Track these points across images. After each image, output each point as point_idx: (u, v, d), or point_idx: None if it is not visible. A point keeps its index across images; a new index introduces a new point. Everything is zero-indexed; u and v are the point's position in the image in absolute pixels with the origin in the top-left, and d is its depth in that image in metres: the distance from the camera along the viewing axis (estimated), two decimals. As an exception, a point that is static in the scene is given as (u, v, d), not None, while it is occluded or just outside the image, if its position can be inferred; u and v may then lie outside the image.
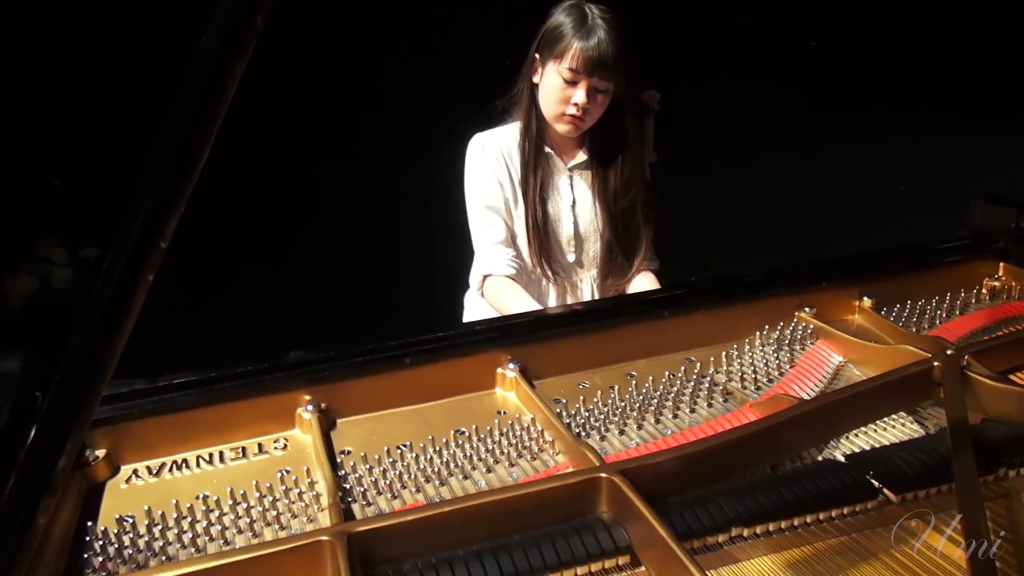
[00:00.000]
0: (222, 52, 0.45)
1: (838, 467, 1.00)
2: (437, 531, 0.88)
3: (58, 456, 0.76)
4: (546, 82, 1.70)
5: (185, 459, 1.10)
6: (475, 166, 1.79)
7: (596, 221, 1.82)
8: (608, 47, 1.62)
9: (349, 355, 1.19)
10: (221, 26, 0.46)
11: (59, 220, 3.84)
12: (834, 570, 0.89)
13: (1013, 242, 1.54)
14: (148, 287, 0.66)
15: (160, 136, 0.49)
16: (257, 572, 0.84)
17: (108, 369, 0.71)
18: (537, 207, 1.74)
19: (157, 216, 0.58)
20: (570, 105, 1.66)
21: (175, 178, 0.53)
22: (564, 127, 1.70)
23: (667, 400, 1.19)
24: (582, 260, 1.84)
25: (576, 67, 1.62)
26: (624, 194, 1.79)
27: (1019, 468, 1.03)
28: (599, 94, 1.67)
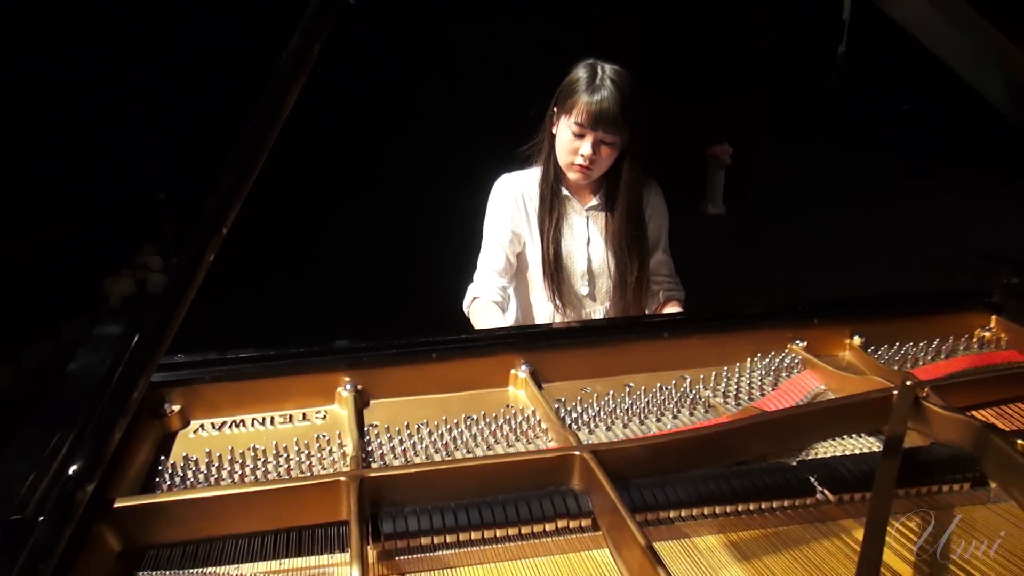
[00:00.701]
0: (284, 82, 0.66)
1: (785, 468, 1.16)
2: (435, 484, 1.08)
3: (134, 388, 0.97)
4: (560, 134, 1.87)
5: (243, 419, 1.33)
6: (495, 203, 1.98)
7: (609, 260, 1.99)
8: (611, 104, 1.76)
9: (385, 347, 1.41)
10: (288, 59, 0.67)
11: (159, 230, 4.25)
12: (769, 552, 1.04)
13: (1006, 297, 1.65)
14: (209, 265, 0.86)
15: (234, 150, 0.70)
16: (289, 500, 1.05)
17: (174, 325, 0.91)
18: (551, 245, 1.92)
19: (221, 209, 0.79)
20: (578, 155, 1.82)
21: (238, 181, 0.74)
22: (574, 175, 1.87)
23: (654, 407, 1.36)
24: (594, 295, 2.00)
25: (582, 121, 1.78)
26: (632, 237, 1.94)
27: (954, 484, 1.15)
28: (604, 146, 1.82)
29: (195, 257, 0.87)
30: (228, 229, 0.77)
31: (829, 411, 1.28)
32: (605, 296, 2.01)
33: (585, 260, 1.97)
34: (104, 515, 0.99)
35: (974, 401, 1.35)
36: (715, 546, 1.06)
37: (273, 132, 0.66)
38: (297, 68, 0.63)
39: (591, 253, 1.98)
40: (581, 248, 1.97)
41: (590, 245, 1.98)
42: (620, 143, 1.85)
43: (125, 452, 1.15)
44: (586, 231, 1.98)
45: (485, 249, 2.00)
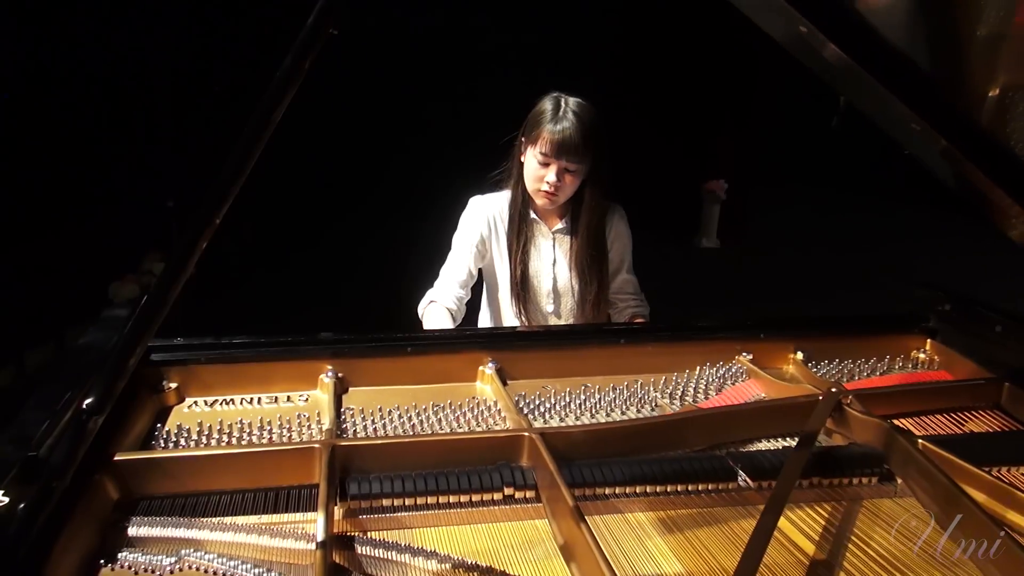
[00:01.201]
0: (275, 95, 0.81)
1: (712, 456, 1.30)
2: (398, 455, 1.22)
3: (130, 356, 1.10)
4: (527, 163, 2.01)
5: (232, 398, 1.48)
6: (467, 220, 2.13)
7: (573, 281, 2.12)
8: (573, 134, 1.90)
9: (365, 339, 1.56)
10: (280, 77, 0.82)
11: (164, 237, 4.41)
12: (692, 527, 1.18)
13: (940, 323, 1.80)
14: (201, 251, 0.99)
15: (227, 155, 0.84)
16: (268, 463, 1.19)
17: (167, 305, 1.03)
18: (518, 266, 2.07)
19: (213, 202, 0.92)
20: (543, 183, 1.97)
21: (230, 181, 0.87)
22: (541, 200, 2.02)
23: (605, 404, 1.50)
24: (559, 312, 2.15)
25: (547, 151, 1.92)
26: (592, 258, 2.08)
27: (863, 477, 1.29)
28: (568, 174, 1.96)
29: (187, 246, 1.00)
30: (220, 219, 0.91)
31: (760, 411, 1.42)
32: (569, 314, 2.15)
33: (551, 280, 2.12)
34: (105, 467, 1.13)
35: (894, 411, 1.49)
36: (644, 521, 1.19)
37: (264, 138, 0.81)
38: (288, 85, 0.78)
39: (556, 273, 2.12)
40: (547, 268, 2.11)
41: (556, 266, 2.12)
42: (583, 171, 1.99)
43: (126, 421, 1.29)
44: (552, 252, 2.12)
45: (450, 260, 2.13)
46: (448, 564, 1.05)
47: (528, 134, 2.00)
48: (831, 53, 1.04)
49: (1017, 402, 1.54)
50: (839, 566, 1.10)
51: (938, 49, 1.19)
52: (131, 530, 1.09)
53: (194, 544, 1.07)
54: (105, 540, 1.07)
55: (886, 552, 1.12)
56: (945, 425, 1.51)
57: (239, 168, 0.84)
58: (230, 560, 1.03)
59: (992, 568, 1.05)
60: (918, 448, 1.27)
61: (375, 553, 1.07)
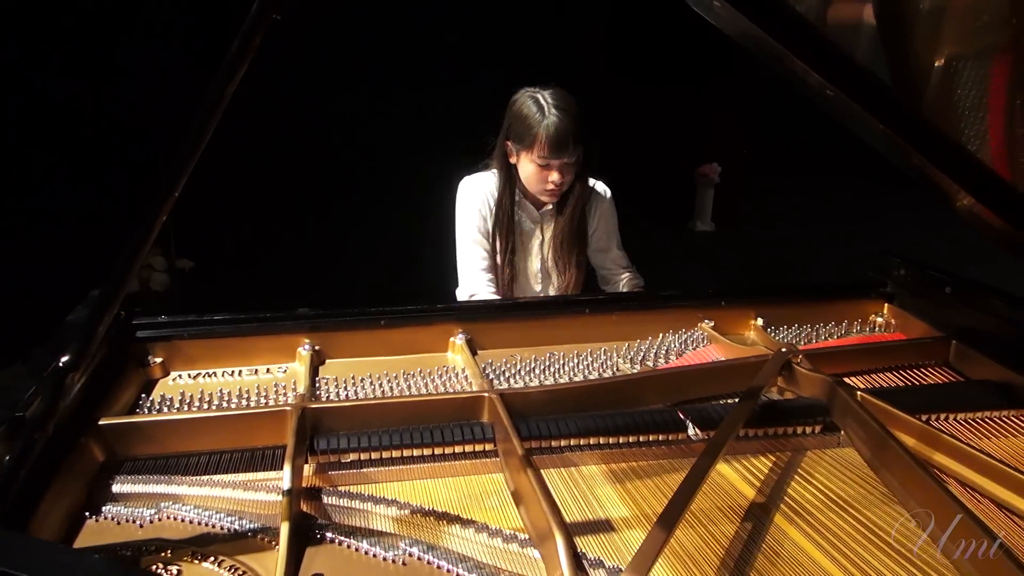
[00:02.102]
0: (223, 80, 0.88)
1: (664, 410, 1.37)
2: (365, 416, 1.30)
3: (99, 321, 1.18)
4: (523, 168, 2.06)
5: (215, 372, 1.56)
6: (464, 203, 2.17)
7: (561, 259, 2.19)
8: (565, 130, 1.96)
9: (340, 314, 1.64)
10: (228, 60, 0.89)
11: (162, 231, 4.50)
12: (641, 478, 1.26)
13: (897, 287, 1.87)
14: (163, 220, 1.05)
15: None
16: (244, 425, 1.27)
17: (132, 275, 1.10)
18: (506, 248, 2.14)
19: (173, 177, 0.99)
20: (548, 183, 2.03)
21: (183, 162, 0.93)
22: (547, 198, 2.09)
23: (568, 369, 1.58)
24: (548, 291, 2.23)
25: (545, 155, 1.98)
26: (572, 245, 2.16)
27: (807, 427, 1.36)
28: (567, 168, 2.03)
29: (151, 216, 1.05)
30: (177, 193, 0.96)
31: (712, 370, 1.50)
32: (557, 292, 2.22)
33: (539, 260, 2.19)
34: (90, 431, 1.21)
35: (845, 369, 1.56)
36: (596, 472, 1.27)
37: (215, 118, 0.88)
38: (235, 69, 0.86)
39: (545, 253, 2.20)
40: (536, 249, 2.19)
41: (544, 246, 2.20)
42: (579, 158, 2.05)
43: (112, 392, 1.38)
44: (540, 233, 2.20)
45: (465, 249, 2.17)
46: (407, 511, 1.13)
47: (519, 141, 2.04)
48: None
49: (963, 359, 1.61)
50: (777, 509, 1.17)
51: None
52: (115, 487, 1.17)
53: (173, 498, 1.15)
54: (91, 496, 1.15)
55: (824, 495, 1.19)
56: (895, 382, 1.58)
57: (191, 150, 0.91)
58: (205, 511, 1.11)
59: (913, 503, 1.13)
60: (856, 399, 1.34)
61: (340, 503, 1.15)
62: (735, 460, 1.30)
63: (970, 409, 1.40)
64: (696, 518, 1.13)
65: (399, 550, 1.02)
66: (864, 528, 1.10)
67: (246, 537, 1.06)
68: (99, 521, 1.10)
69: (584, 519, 1.14)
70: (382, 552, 1.02)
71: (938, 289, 1.74)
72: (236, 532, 1.07)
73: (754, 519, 1.14)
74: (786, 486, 1.23)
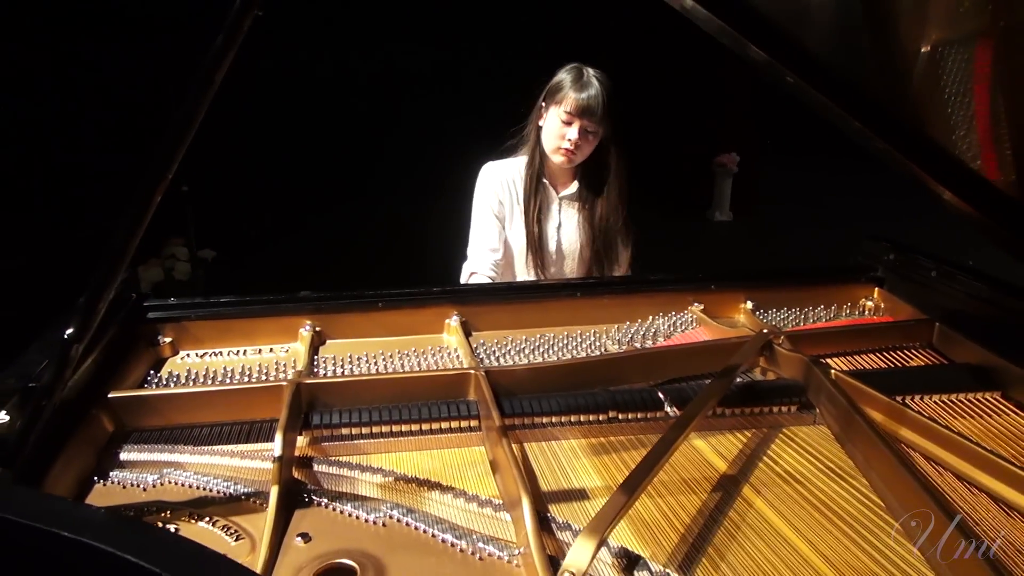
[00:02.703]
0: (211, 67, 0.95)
1: (643, 389, 1.43)
2: (358, 392, 1.37)
3: (100, 295, 1.26)
4: (548, 123, 2.16)
5: (221, 351, 1.64)
6: (483, 185, 2.26)
7: (577, 242, 2.26)
8: (596, 98, 2.06)
9: (340, 297, 1.71)
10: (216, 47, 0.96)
11: (184, 222, 4.63)
12: (619, 451, 1.31)
13: (887, 272, 1.90)
14: (158, 202, 1.12)
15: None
16: (242, 398, 1.35)
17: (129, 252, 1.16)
18: (534, 224, 2.21)
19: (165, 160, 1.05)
20: (565, 140, 2.11)
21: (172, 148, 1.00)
22: (560, 158, 2.15)
23: (557, 350, 1.64)
24: (561, 272, 2.28)
25: (571, 110, 2.07)
26: (605, 220, 2.22)
27: (783, 406, 1.41)
28: (588, 134, 2.11)
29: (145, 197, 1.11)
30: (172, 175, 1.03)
31: (695, 349, 1.55)
32: (571, 275, 2.28)
33: (555, 242, 2.26)
34: (101, 404, 1.30)
35: (827, 350, 1.61)
36: (576, 447, 1.33)
37: (201, 109, 0.95)
38: (220, 61, 0.93)
39: (561, 236, 2.26)
40: (552, 231, 2.25)
41: (560, 229, 2.26)
42: (599, 135, 2.13)
43: (123, 369, 1.46)
44: (557, 216, 2.26)
45: (477, 229, 2.26)
46: (392, 478, 1.20)
47: (551, 98, 2.15)
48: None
49: (946, 341, 1.64)
50: (745, 481, 1.22)
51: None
52: (122, 455, 1.26)
53: (175, 465, 1.23)
54: (100, 462, 1.24)
55: (792, 469, 1.25)
56: (879, 364, 1.62)
57: (180, 136, 0.98)
58: (204, 477, 1.19)
59: (874, 475, 1.17)
60: (830, 377, 1.38)
61: (329, 471, 1.22)
62: (711, 436, 1.35)
63: (944, 390, 1.44)
64: (666, 488, 1.19)
65: (381, 513, 1.10)
66: (826, 501, 1.15)
67: (240, 500, 1.14)
68: (106, 485, 1.18)
69: (559, 488, 1.20)
70: (365, 514, 1.09)
71: (925, 273, 1.77)
72: (231, 496, 1.15)
73: (722, 491, 1.19)
74: (757, 461, 1.28)
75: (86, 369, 1.31)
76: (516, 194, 2.26)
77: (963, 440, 1.21)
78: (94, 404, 1.29)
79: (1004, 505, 1.13)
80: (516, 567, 0.99)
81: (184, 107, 0.94)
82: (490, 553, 1.02)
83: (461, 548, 1.03)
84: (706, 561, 1.03)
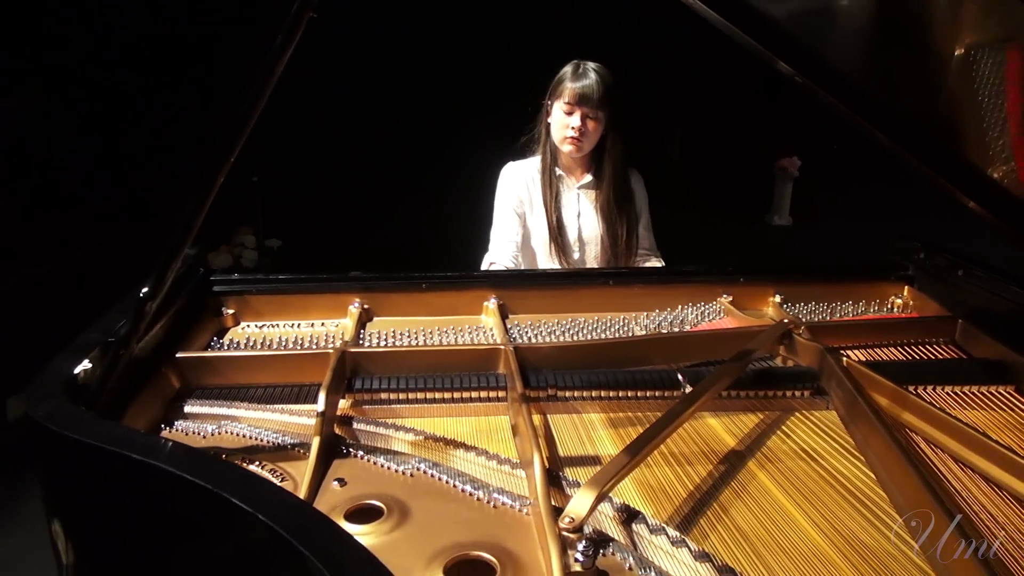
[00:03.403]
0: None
1: (661, 369, 1.52)
2: (397, 361, 1.50)
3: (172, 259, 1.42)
4: (554, 117, 2.28)
5: (278, 323, 1.80)
6: (505, 183, 2.39)
7: (597, 229, 2.36)
8: (593, 87, 2.18)
9: (387, 277, 1.85)
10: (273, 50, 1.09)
11: (253, 212, 4.87)
12: (635, 425, 1.41)
13: (917, 271, 1.94)
14: (219, 185, 1.25)
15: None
16: (293, 363, 1.50)
17: (196, 227, 1.30)
18: (553, 214, 2.32)
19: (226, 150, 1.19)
20: (568, 129, 2.22)
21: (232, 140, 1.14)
22: (568, 147, 2.26)
23: (587, 333, 1.74)
24: (585, 260, 2.38)
25: (570, 100, 2.20)
26: (615, 204, 2.32)
27: (797, 391, 1.48)
28: (590, 121, 2.22)
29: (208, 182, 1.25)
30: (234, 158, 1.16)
31: (715, 335, 1.63)
32: (594, 261, 2.38)
33: (576, 230, 2.36)
34: (170, 363, 1.46)
35: (846, 342, 1.67)
36: (595, 420, 1.43)
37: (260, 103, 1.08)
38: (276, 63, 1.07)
39: (581, 224, 2.36)
40: (573, 220, 2.36)
41: (580, 217, 2.36)
42: (603, 121, 2.24)
43: (190, 335, 1.63)
44: (577, 205, 2.36)
45: (498, 223, 2.39)
46: (422, 437, 1.32)
47: (553, 93, 2.28)
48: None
49: (968, 337, 1.68)
50: (752, 456, 1.30)
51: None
52: (186, 408, 1.42)
53: (231, 419, 1.38)
54: (167, 414, 1.40)
55: (798, 447, 1.32)
56: (900, 358, 1.67)
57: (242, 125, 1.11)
58: (256, 429, 1.33)
59: (871, 453, 1.24)
60: (842, 365, 1.45)
61: (367, 428, 1.35)
62: (724, 415, 1.43)
63: (957, 382, 1.49)
64: (674, 459, 1.28)
65: (409, 465, 1.22)
66: (827, 476, 1.22)
67: (286, 449, 1.28)
68: (171, 432, 1.34)
69: (576, 454, 1.30)
70: (395, 466, 1.22)
71: (952, 272, 1.81)
72: (279, 445, 1.29)
73: (727, 464, 1.27)
74: (765, 440, 1.36)
75: (158, 332, 1.47)
76: (535, 190, 2.38)
77: (963, 426, 1.26)
78: (164, 363, 1.45)
79: (997, 487, 1.18)
80: (526, 515, 1.10)
81: (245, 99, 1.07)
82: (504, 503, 1.12)
83: (478, 497, 1.14)
84: (703, 522, 1.12)
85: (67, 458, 1.07)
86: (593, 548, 0.96)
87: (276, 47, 1.07)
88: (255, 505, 0.84)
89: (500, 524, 1.08)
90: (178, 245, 1.16)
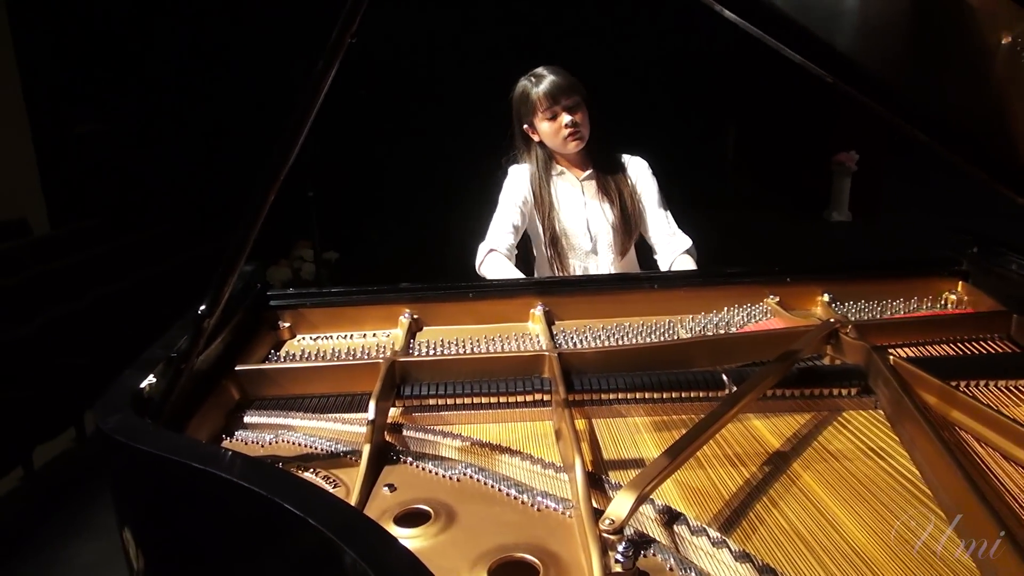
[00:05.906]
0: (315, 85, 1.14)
1: (705, 371, 1.52)
2: (444, 369, 1.54)
3: (227, 278, 1.49)
4: (543, 131, 2.32)
5: (332, 335, 1.86)
6: (510, 184, 2.42)
7: (604, 217, 2.39)
8: (557, 80, 2.23)
9: (435, 288, 1.90)
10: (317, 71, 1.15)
11: (310, 226, 5.01)
12: (678, 428, 1.42)
13: (971, 265, 1.89)
14: (270, 203, 1.32)
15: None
16: (346, 373, 1.55)
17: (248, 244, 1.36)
18: (549, 218, 2.36)
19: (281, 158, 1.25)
20: (564, 129, 2.26)
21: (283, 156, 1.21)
22: (572, 145, 2.30)
23: (632, 337, 1.76)
24: (597, 249, 2.40)
25: (548, 104, 2.24)
26: (620, 191, 2.37)
27: (843, 389, 1.47)
28: (575, 109, 2.26)
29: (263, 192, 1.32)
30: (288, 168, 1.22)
31: (759, 336, 1.63)
32: (608, 249, 2.41)
33: (584, 221, 2.39)
34: (230, 375, 1.54)
35: (895, 340, 1.65)
36: (639, 423, 1.45)
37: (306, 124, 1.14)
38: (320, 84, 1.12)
39: (588, 215, 2.39)
40: (579, 212, 2.39)
41: (587, 208, 2.40)
42: (583, 103, 2.28)
43: (249, 348, 1.70)
44: (583, 196, 2.40)
45: (498, 214, 2.40)
46: (469, 443, 1.36)
47: (527, 113, 2.33)
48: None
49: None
50: (796, 458, 1.30)
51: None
52: (246, 418, 1.48)
53: (288, 428, 1.45)
54: (227, 424, 1.47)
55: (843, 449, 1.31)
56: (954, 354, 1.64)
57: (288, 149, 1.17)
58: (311, 437, 1.39)
59: (916, 452, 1.23)
60: (888, 363, 1.44)
61: (416, 435, 1.40)
62: (770, 416, 1.43)
63: (1009, 376, 1.46)
64: (717, 461, 1.29)
65: (456, 471, 1.26)
66: (874, 478, 1.22)
67: (339, 457, 1.33)
68: (231, 442, 1.41)
69: (620, 457, 1.33)
70: (443, 471, 1.26)
71: (1007, 266, 1.76)
72: (332, 453, 1.35)
73: (771, 465, 1.28)
74: (811, 440, 1.36)
75: (218, 346, 1.55)
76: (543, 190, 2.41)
77: (1013, 424, 1.24)
78: (224, 376, 1.53)
79: (1050, 485, 1.16)
80: (568, 518, 1.13)
81: (291, 121, 1.13)
82: (547, 505, 1.15)
83: (522, 501, 1.17)
84: (745, 523, 1.13)
85: (134, 468, 1.14)
86: (633, 549, 0.98)
87: (317, 71, 1.12)
88: (306, 510, 0.89)
89: (543, 527, 1.11)
90: (232, 262, 1.22)
